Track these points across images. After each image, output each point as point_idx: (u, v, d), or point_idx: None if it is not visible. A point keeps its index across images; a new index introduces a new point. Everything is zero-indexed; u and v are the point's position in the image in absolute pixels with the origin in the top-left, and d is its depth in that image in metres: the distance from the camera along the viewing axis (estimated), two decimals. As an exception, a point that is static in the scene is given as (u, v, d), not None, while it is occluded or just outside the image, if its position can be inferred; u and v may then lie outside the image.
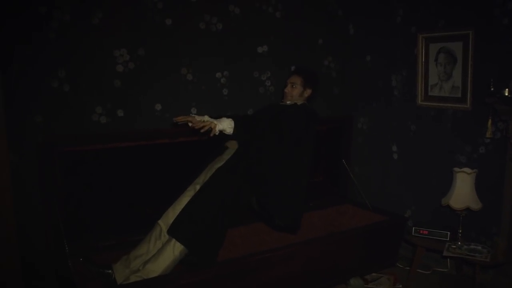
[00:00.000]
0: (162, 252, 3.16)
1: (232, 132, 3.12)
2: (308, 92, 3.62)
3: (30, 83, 3.47)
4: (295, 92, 3.57)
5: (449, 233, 3.80)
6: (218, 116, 3.21)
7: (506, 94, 3.44)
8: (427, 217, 4.30)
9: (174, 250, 3.15)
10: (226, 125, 3.09)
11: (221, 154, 3.50)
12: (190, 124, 3.08)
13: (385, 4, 4.55)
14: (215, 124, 3.03)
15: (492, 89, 3.54)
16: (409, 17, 4.36)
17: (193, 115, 3.16)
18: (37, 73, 3.49)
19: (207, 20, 4.13)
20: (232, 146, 3.49)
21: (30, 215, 3.53)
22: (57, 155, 3.45)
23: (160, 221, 3.34)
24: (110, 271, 3.21)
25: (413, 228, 3.94)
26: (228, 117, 3.17)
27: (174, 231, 3.16)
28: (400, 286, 4.00)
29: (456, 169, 3.71)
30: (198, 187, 3.36)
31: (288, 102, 3.57)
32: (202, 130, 3.01)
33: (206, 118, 3.16)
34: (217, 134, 3.06)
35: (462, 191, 3.67)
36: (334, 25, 4.92)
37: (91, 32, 3.65)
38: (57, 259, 3.39)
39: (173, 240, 3.15)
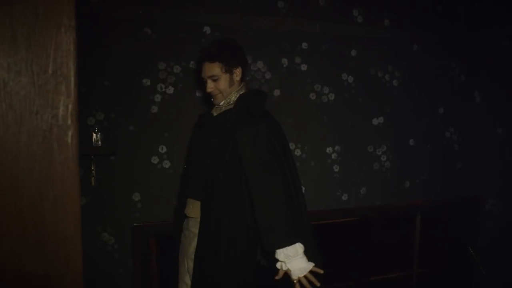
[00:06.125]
0: None
1: None
2: (237, 72, 2.56)
3: (131, 159, 3.28)
4: (222, 86, 2.52)
5: None
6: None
7: None
8: None
9: None
10: None
11: (187, 228, 2.60)
12: None
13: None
14: None
15: None
16: (552, 85, 3.77)
17: None
18: (138, 149, 3.31)
19: (318, 90, 3.78)
20: (191, 212, 2.57)
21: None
22: (153, 239, 3.21)
23: None
24: None
25: None
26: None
27: None
28: None
29: None
30: (188, 280, 2.57)
31: (221, 104, 2.57)
32: None
33: None
34: None
35: None
36: (457, 92, 4.38)
37: (194, 105, 3.42)
38: None
39: None
